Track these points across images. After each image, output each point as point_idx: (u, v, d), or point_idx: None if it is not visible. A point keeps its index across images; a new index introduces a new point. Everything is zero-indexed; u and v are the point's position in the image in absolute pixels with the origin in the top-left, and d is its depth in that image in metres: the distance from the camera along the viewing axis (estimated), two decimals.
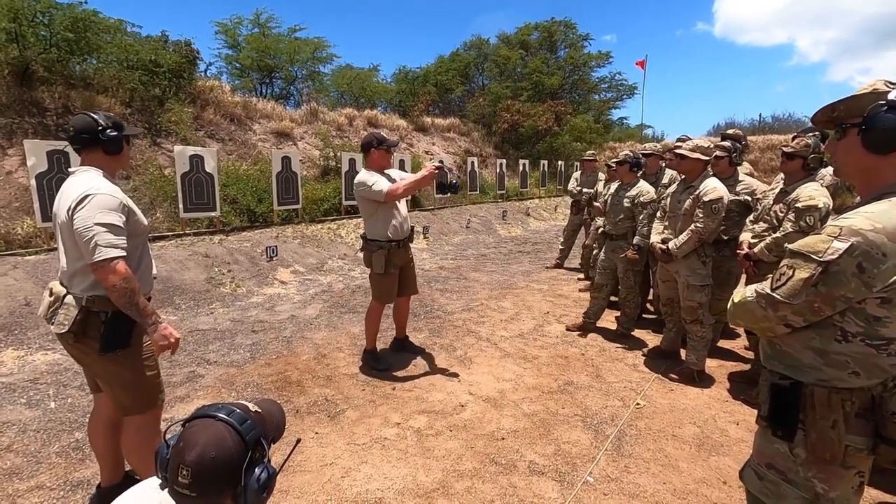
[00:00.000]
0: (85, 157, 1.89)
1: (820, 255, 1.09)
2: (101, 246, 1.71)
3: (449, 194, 3.18)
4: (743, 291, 1.29)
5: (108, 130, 1.84)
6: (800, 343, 1.20)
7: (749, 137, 17.97)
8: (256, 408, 1.07)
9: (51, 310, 1.85)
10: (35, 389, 3.16)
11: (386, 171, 3.34)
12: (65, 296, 1.84)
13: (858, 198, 1.23)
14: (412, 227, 3.56)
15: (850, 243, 1.05)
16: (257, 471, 0.96)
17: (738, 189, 3.59)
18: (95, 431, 2.10)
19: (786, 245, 1.22)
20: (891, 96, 1.07)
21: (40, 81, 7.17)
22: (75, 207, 1.73)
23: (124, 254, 1.77)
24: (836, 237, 1.08)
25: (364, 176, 3.19)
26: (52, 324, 1.85)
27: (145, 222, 2.01)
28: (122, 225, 1.80)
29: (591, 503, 2.20)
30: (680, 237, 3.23)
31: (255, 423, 1.00)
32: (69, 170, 1.94)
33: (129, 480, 2.09)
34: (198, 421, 0.98)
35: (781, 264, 1.19)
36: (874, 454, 1.15)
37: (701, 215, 3.12)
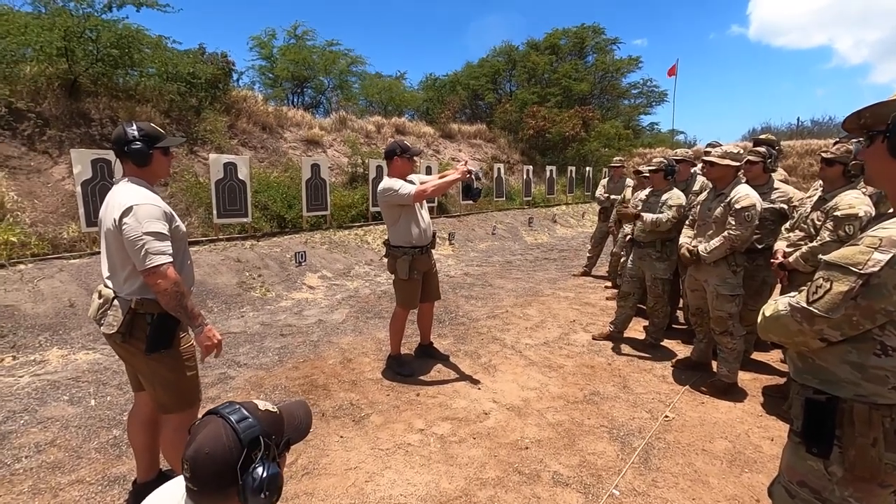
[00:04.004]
0: (124, 168, 1.99)
1: (860, 268, 1.05)
2: (152, 253, 1.81)
3: (472, 201, 3.20)
4: (775, 304, 1.25)
5: (134, 143, 1.92)
6: (836, 357, 1.16)
7: (787, 142, 17.43)
8: (271, 407, 1.09)
9: (100, 311, 1.95)
10: (77, 387, 3.31)
11: (408, 178, 3.38)
12: (113, 299, 1.93)
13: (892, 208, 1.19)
14: (435, 233, 3.59)
15: (892, 254, 1.02)
16: (257, 469, 0.97)
17: (773, 197, 3.49)
18: (134, 428, 2.19)
19: (820, 256, 1.19)
20: None
21: (87, 94, 7.55)
22: (121, 217, 1.83)
23: (172, 259, 1.87)
24: (876, 248, 1.04)
25: (389, 182, 3.24)
26: (102, 325, 1.95)
27: (184, 228, 2.10)
28: (167, 232, 1.89)
29: None
30: (712, 241, 3.15)
31: (257, 422, 1.00)
32: (113, 180, 2.04)
33: (164, 478, 2.17)
34: (205, 418, 1.01)
35: (816, 276, 1.15)
36: None
37: (733, 223, 3.03)
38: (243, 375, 3.55)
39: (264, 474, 0.97)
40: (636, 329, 4.50)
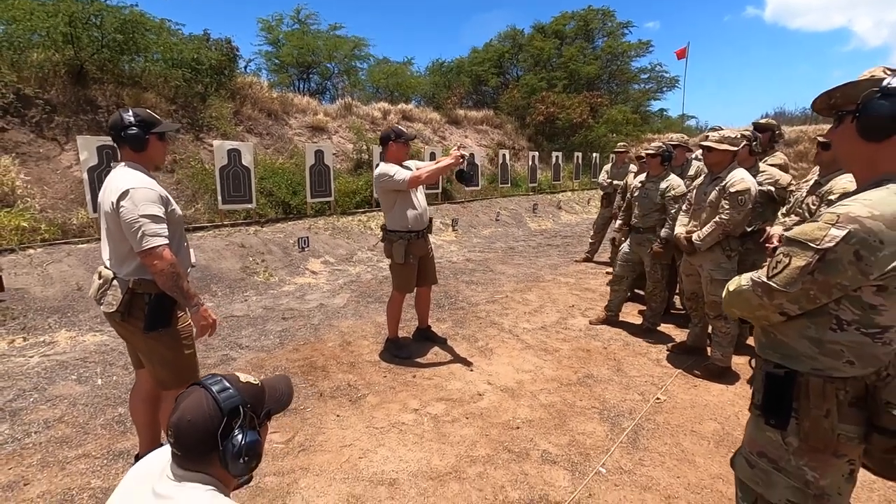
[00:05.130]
0: (121, 153, 2.05)
1: (817, 243, 1.08)
2: (148, 235, 1.87)
3: (466, 186, 3.23)
4: (738, 279, 1.29)
5: (130, 129, 1.97)
6: (795, 332, 1.19)
7: (800, 127, 17.10)
8: (252, 380, 1.15)
9: (100, 291, 2.03)
10: (85, 367, 3.42)
11: (404, 164, 3.41)
12: (112, 279, 2.01)
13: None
14: (431, 219, 3.63)
15: (847, 230, 1.04)
16: (237, 436, 1.02)
17: (759, 179, 3.48)
18: (136, 404, 2.29)
19: (782, 233, 1.22)
20: (885, 83, 1.04)
21: (93, 80, 7.62)
22: (118, 201, 1.89)
23: (168, 241, 1.93)
24: (833, 224, 1.06)
25: (385, 168, 3.28)
26: (102, 304, 2.03)
27: (180, 212, 2.16)
28: (162, 215, 1.95)
29: (601, 493, 2.22)
30: (704, 229, 3.16)
31: (237, 393, 1.06)
32: (111, 164, 2.10)
33: None
34: (190, 388, 1.08)
35: (778, 252, 1.18)
36: (866, 443, 1.15)
37: (727, 207, 3.03)
38: (245, 357, 3.64)
39: (243, 441, 1.03)
40: (633, 314, 4.53)
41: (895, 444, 1.11)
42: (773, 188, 3.44)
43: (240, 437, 1.03)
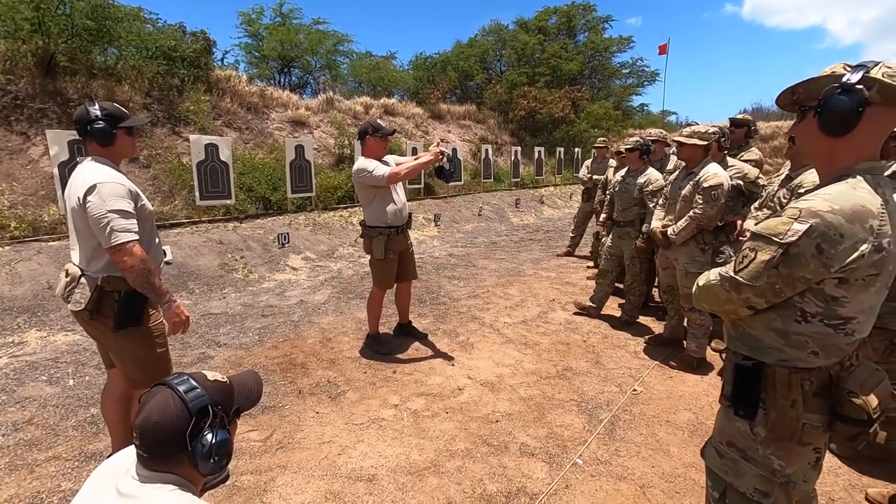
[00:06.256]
0: (87, 147, 1.99)
1: (780, 238, 1.10)
2: (117, 231, 1.82)
3: (445, 181, 3.25)
4: (707, 275, 1.31)
5: (96, 122, 1.92)
6: (762, 324, 1.22)
7: (777, 123, 17.45)
8: (220, 377, 1.13)
9: (67, 289, 1.97)
10: (56, 367, 3.33)
11: (383, 159, 3.39)
12: (80, 276, 1.95)
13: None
14: (410, 214, 3.61)
15: (808, 225, 1.06)
16: (206, 436, 1.01)
17: (729, 174, 3.55)
18: (108, 404, 2.24)
19: (749, 228, 1.24)
20: (845, 79, 1.06)
21: (64, 72, 7.39)
22: (85, 196, 1.83)
23: (138, 237, 1.88)
24: (795, 219, 1.09)
25: (363, 163, 3.25)
26: (69, 302, 1.97)
27: (150, 207, 2.11)
28: (132, 210, 1.91)
29: (578, 484, 2.25)
30: (679, 223, 3.21)
31: (205, 392, 1.04)
32: (77, 159, 2.04)
33: None
34: (154, 388, 1.05)
35: (744, 247, 1.20)
36: (830, 431, 1.18)
37: (700, 201, 3.09)
38: (222, 355, 3.59)
39: (213, 440, 1.02)
40: (612, 307, 4.58)
41: (858, 432, 1.14)
42: (741, 182, 3.52)
43: (209, 436, 1.02)
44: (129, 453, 1.10)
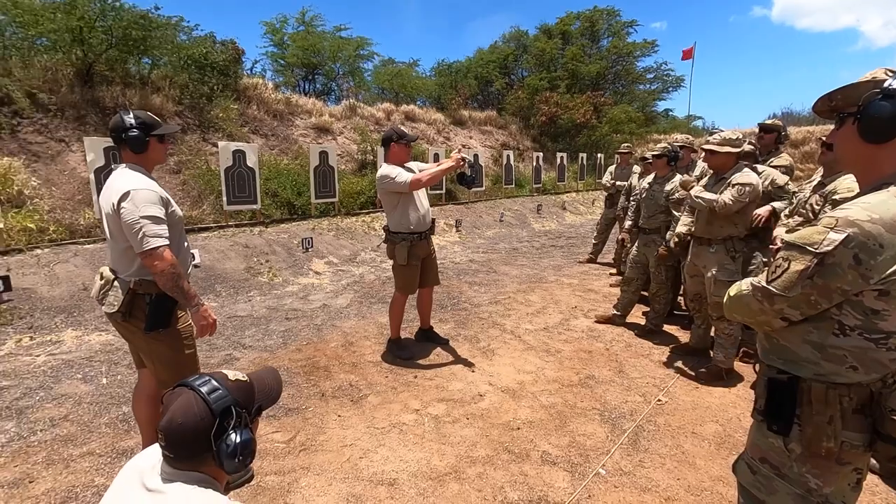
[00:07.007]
0: (122, 154, 2.07)
1: (815, 247, 1.07)
2: (149, 236, 1.89)
3: (467, 188, 3.27)
4: (739, 285, 1.28)
5: (130, 131, 1.99)
6: (797, 337, 1.18)
7: (807, 128, 16.96)
8: (241, 377, 1.15)
9: (102, 292, 2.05)
10: (90, 366, 3.45)
11: (406, 165, 3.42)
12: (114, 280, 2.03)
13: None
14: (434, 220, 3.63)
15: (846, 234, 1.03)
16: (231, 436, 1.03)
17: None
18: (139, 403, 2.31)
19: (782, 237, 1.21)
20: (886, 84, 1.03)
21: (101, 81, 7.69)
22: (119, 202, 1.91)
23: (168, 242, 1.94)
24: (832, 228, 1.05)
25: (387, 169, 3.29)
26: (103, 304, 2.05)
27: (180, 213, 2.18)
28: (163, 216, 1.97)
29: (600, 494, 2.22)
30: (703, 193, 3.16)
31: (227, 392, 1.06)
32: (112, 166, 2.12)
33: None
34: (177, 389, 1.07)
35: (777, 256, 1.17)
36: (871, 451, 1.13)
37: (727, 193, 3.04)
38: (248, 357, 3.67)
39: (238, 440, 1.04)
40: (637, 315, 4.51)
41: None
42: (770, 188, 3.44)
43: (234, 436, 1.04)
44: (157, 450, 1.14)
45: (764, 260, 3.49)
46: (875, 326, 1.07)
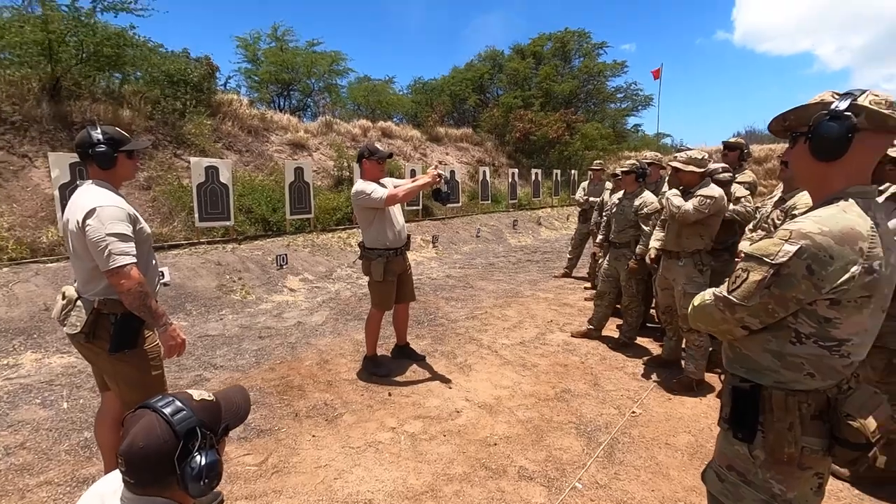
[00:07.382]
0: (88, 170, 2.02)
1: (772, 258, 1.12)
2: (115, 254, 1.83)
3: (442, 204, 3.29)
4: (702, 295, 1.32)
5: (98, 146, 1.94)
6: (758, 346, 1.22)
7: (769, 146, 17.69)
8: (207, 396, 1.11)
9: (63, 312, 1.97)
10: (50, 390, 3.30)
11: (381, 181, 3.43)
12: (77, 299, 1.96)
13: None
14: (409, 235, 3.64)
15: (799, 246, 1.08)
16: (196, 458, 0.99)
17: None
18: (102, 427, 2.22)
19: (742, 249, 1.26)
20: (833, 106, 1.10)
21: (69, 96, 7.50)
22: (84, 219, 1.85)
23: (136, 260, 1.89)
24: (786, 240, 1.11)
25: (361, 185, 3.29)
26: (65, 325, 1.97)
27: (149, 230, 2.13)
28: (130, 234, 1.92)
29: None
30: (679, 199, 3.27)
31: (192, 413, 1.02)
32: (77, 182, 2.07)
33: None
34: (138, 411, 1.03)
35: (737, 267, 1.22)
36: (830, 455, 1.17)
37: (690, 201, 3.16)
38: (219, 377, 3.57)
39: (203, 462, 1.00)
40: (610, 328, 4.58)
41: (857, 456, 1.14)
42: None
43: (199, 458, 1.00)
44: (118, 476, 1.09)
45: None
46: (828, 334, 1.12)
